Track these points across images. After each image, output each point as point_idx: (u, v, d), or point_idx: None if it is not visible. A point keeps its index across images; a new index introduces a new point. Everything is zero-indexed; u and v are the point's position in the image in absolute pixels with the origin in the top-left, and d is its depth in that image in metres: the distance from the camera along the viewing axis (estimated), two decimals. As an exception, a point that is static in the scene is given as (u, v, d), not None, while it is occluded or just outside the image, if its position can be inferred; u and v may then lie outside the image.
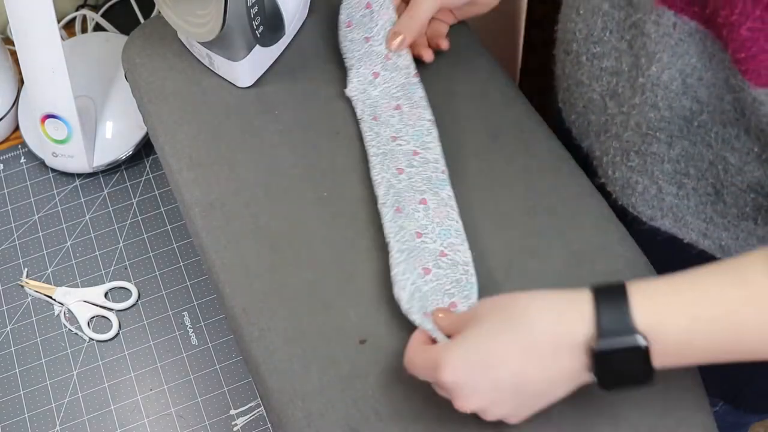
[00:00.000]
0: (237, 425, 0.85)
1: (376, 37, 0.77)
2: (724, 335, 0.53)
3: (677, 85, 0.60)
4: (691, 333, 0.52)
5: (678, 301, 0.53)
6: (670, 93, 0.61)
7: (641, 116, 0.64)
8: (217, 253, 0.70)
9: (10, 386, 0.88)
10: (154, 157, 1.02)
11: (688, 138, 0.63)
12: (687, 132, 0.63)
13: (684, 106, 0.61)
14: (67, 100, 0.92)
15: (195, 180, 0.74)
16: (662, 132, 0.64)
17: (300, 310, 0.66)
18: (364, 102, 0.76)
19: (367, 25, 0.78)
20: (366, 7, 0.79)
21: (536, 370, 0.55)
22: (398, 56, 0.76)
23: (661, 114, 0.63)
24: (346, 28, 0.79)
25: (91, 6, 1.15)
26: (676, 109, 0.62)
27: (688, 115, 0.62)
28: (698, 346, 0.53)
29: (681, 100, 0.61)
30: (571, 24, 0.70)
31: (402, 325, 0.65)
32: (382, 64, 0.76)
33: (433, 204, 0.69)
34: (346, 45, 0.78)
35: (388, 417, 0.61)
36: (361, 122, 0.75)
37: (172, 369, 0.88)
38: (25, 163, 1.03)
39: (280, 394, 0.63)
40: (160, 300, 0.92)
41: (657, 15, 0.59)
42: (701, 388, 0.62)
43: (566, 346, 0.54)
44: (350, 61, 0.78)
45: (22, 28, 0.87)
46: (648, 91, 0.62)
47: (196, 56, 0.81)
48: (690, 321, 0.52)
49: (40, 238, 0.97)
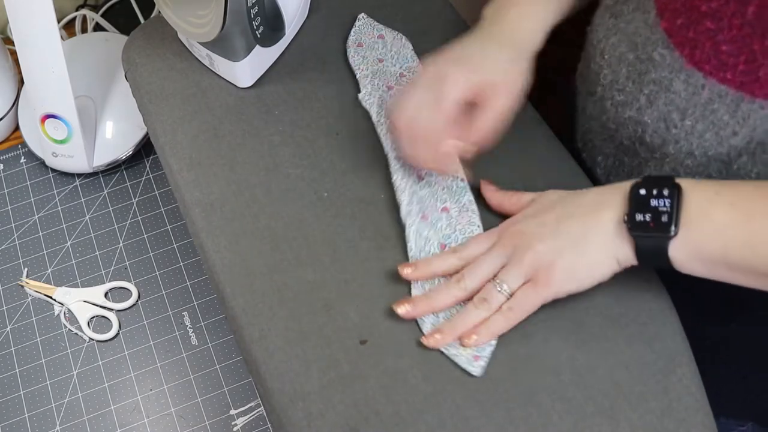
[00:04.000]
0: (237, 425, 0.85)
1: (390, 60, 0.79)
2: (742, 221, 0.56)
3: (711, 135, 0.61)
4: (713, 203, 0.57)
5: (712, 183, 0.59)
6: (704, 142, 0.62)
7: (677, 162, 0.65)
8: (217, 253, 0.70)
9: (10, 386, 0.88)
10: (154, 157, 1.02)
11: (727, 180, 0.63)
12: (726, 174, 0.63)
13: (721, 152, 0.62)
14: (67, 100, 0.92)
15: (195, 180, 0.74)
16: (700, 175, 0.64)
17: (300, 310, 0.66)
18: (380, 106, 0.76)
19: (380, 50, 0.80)
20: (378, 37, 0.80)
21: (576, 218, 0.62)
22: (413, 72, 0.78)
23: (698, 161, 0.63)
24: (357, 47, 0.80)
25: (91, 6, 1.15)
26: (713, 156, 0.62)
27: (726, 159, 0.62)
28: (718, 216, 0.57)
29: (716, 149, 0.62)
30: (596, 66, 0.70)
31: (402, 325, 0.65)
32: (396, 81, 0.77)
33: (455, 212, 0.70)
34: (358, 60, 0.79)
35: (388, 417, 0.61)
36: (378, 125, 0.75)
37: (172, 369, 0.88)
38: (25, 163, 1.03)
39: (281, 394, 0.63)
40: (160, 300, 0.92)
41: (687, 75, 0.60)
42: (701, 388, 0.62)
43: (607, 201, 0.61)
44: (363, 72, 0.78)
45: (22, 28, 0.87)
46: (682, 140, 0.63)
47: (196, 56, 0.81)
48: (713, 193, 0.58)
49: (40, 238, 0.97)
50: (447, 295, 0.65)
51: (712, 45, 0.57)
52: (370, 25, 0.82)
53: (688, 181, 0.59)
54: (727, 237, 0.57)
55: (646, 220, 0.58)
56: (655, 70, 0.62)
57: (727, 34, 0.56)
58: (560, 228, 0.62)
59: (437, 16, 0.84)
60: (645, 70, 0.63)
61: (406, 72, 0.78)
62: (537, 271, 0.62)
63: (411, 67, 0.79)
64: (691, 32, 0.58)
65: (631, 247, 0.60)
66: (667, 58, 0.61)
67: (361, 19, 0.83)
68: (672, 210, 0.58)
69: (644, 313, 0.65)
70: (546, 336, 0.64)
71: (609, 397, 0.61)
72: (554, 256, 0.61)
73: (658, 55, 0.61)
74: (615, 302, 0.65)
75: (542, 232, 0.62)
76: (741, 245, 0.56)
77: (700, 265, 0.58)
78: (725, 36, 0.56)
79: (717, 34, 0.57)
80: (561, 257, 0.61)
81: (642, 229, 0.59)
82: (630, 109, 0.66)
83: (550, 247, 0.62)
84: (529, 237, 0.63)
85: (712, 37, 0.57)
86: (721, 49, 0.57)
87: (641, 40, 0.63)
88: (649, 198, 0.59)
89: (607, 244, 0.60)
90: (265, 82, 0.80)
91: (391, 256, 0.69)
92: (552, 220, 0.63)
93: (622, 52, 0.66)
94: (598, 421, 0.61)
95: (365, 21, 0.83)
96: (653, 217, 0.58)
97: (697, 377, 0.63)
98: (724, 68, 0.57)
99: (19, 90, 1.04)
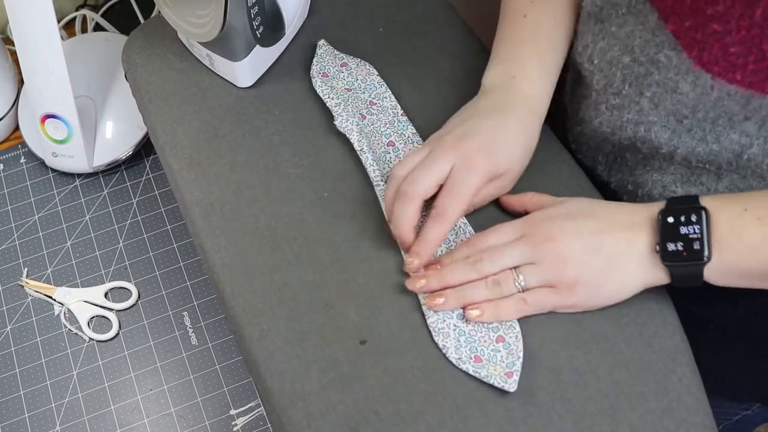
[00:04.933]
0: (237, 425, 0.85)
1: (358, 89, 0.78)
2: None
3: (724, 121, 0.61)
4: (742, 220, 0.58)
5: (737, 199, 0.60)
6: (717, 127, 0.62)
7: (688, 151, 0.65)
8: (217, 253, 0.70)
9: (10, 386, 0.88)
10: (154, 157, 1.02)
11: (737, 171, 0.64)
12: (736, 165, 0.63)
13: (733, 139, 0.62)
14: (67, 100, 0.92)
15: (195, 180, 0.74)
16: (712, 164, 0.64)
17: (300, 310, 0.66)
18: (360, 133, 0.74)
19: (345, 79, 0.78)
20: (342, 65, 0.79)
21: (613, 236, 0.61)
22: (383, 100, 0.77)
23: (709, 147, 0.63)
24: (323, 77, 0.79)
25: (91, 6, 1.15)
26: (725, 143, 0.62)
27: (737, 149, 0.62)
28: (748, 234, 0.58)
29: (729, 134, 0.62)
30: (585, 72, 0.70)
31: (402, 325, 0.65)
32: (367, 109, 0.76)
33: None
34: (326, 90, 0.77)
35: (388, 417, 0.61)
36: (361, 153, 0.74)
37: (172, 369, 0.88)
38: (25, 163, 1.03)
39: (281, 394, 0.63)
40: (160, 300, 0.92)
41: (695, 77, 0.60)
42: (701, 388, 0.62)
43: (638, 225, 0.61)
44: (333, 101, 0.76)
45: (22, 28, 0.87)
46: (695, 128, 0.63)
47: (196, 56, 0.81)
48: (741, 209, 0.58)
49: (40, 238, 0.97)
50: (461, 274, 0.64)
51: (721, 47, 0.57)
52: (331, 54, 0.80)
53: (713, 199, 0.59)
54: (762, 253, 0.57)
55: (678, 249, 0.59)
56: (659, 72, 0.62)
57: (735, 36, 0.56)
58: (596, 243, 0.61)
59: (437, 16, 0.84)
60: (645, 72, 0.63)
61: (376, 100, 0.77)
62: (561, 281, 0.62)
63: (380, 94, 0.78)
64: (699, 34, 0.58)
65: (665, 274, 0.60)
66: (673, 60, 0.61)
67: (321, 47, 0.81)
68: (702, 236, 0.58)
69: (644, 313, 0.65)
70: (546, 336, 0.64)
71: (609, 397, 0.61)
72: (585, 273, 0.61)
73: (663, 57, 0.61)
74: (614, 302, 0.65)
75: (578, 243, 0.62)
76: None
77: (735, 280, 0.59)
78: (733, 38, 0.56)
79: (725, 36, 0.57)
80: (591, 275, 0.61)
81: (675, 259, 0.59)
82: (629, 112, 0.66)
83: (582, 263, 0.61)
84: (562, 244, 0.62)
85: (720, 39, 0.57)
86: (729, 51, 0.57)
87: (639, 42, 0.63)
88: (678, 226, 0.59)
89: (639, 270, 0.61)
90: (265, 82, 0.80)
91: (392, 256, 0.69)
92: (590, 230, 0.62)
93: (614, 56, 0.65)
94: (598, 421, 0.61)
95: (326, 49, 0.81)
96: (685, 246, 0.58)
97: (698, 377, 0.63)
98: (733, 69, 0.57)
99: (19, 90, 1.04)
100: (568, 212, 0.64)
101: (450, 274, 0.65)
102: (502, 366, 0.62)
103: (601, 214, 0.63)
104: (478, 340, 0.63)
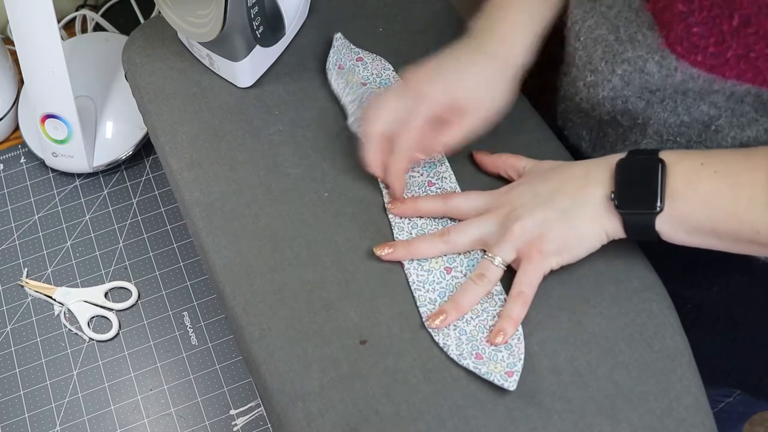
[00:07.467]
0: (237, 425, 0.85)
1: (373, 83, 0.78)
2: (724, 187, 0.58)
3: (694, 93, 0.61)
4: (698, 173, 0.59)
5: (696, 153, 0.60)
6: (687, 99, 0.62)
7: (660, 123, 0.65)
8: (217, 253, 0.70)
9: (10, 386, 0.88)
10: (154, 157, 1.02)
11: (705, 143, 0.64)
12: (704, 137, 0.64)
13: (702, 111, 0.63)
14: (67, 100, 0.92)
15: (195, 180, 0.74)
16: (682, 137, 0.65)
17: (300, 310, 0.66)
18: None
19: (361, 73, 0.79)
20: (357, 60, 0.80)
21: (567, 192, 0.63)
22: None
23: (680, 119, 0.64)
24: (339, 69, 0.79)
25: (91, 6, 1.15)
26: (695, 114, 0.63)
27: (706, 120, 0.63)
28: (702, 186, 0.58)
29: (699, 106, 0.62)
30: (570, 48, 0.70)
31: (402, 325, 0.65)
32: None
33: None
34: (341, 84, 0.78)
35: (388, 417, 0.61)
36: None
37: (172, 369, 0.88)
38: (25, 163, 1.03)
39: (281, 394, 0.63)
40: (160, 300, 0.92)
41: (661, 56, 0.61)
42: (701, 388, 0.63)
43: (595, 176, 0.63)
44: (348, 98, 0.77)
45: (22, 28, 0.87)
46: (668, 98, 0.63)
47: (196, 56, 0.81)
48: (698, 164, 0.59)
49: (40, 238, 0.97)
50: (430, 246, 0.67)
51: (684, 27, 0.58)
52: (347, 47, 0.81)
53: (673, 153, 0.61)
54: (713, 207, 0.58)
55: (632, 198, 0.60)
56: (633, 50, 0.63)
57: (698, 16, 0.57)
58: (552, 200, 0.63)
59: (437, 16, 0.84)
60: (622, 50, 0.64)
61: None
62: (528, 244, 0.63)
63: None
64: (667, 14, 0.59)
65: (619, 222, 0.62)
66: (648, 38, 0.62)
67: (338, 40, 0.81)
68: (657, 186, 0.59)
69: (644, 313, 0.65)
70: (545, 336, 0.64)
71: (609, 397, 0.61)
72: (544, 228, 0.63)
73: (641, 35, 0.62)
74: (614, 302, 0.65)
75: (534, 202, 0.64)
76: (727, 215, 0.57)
77: (686, 235, 0.60)
78: (696, 18, 0.57)
79: (688, 16, 0.57)
80: (551, 229, 0.63)
81: (628, 206, 0.61)
82: (603, 89, 0.67)
83: (539, 219, 0.63)
84: (520, 208, 0.64)
85: (684, 19, 0.58)
86: (692, 32, 0.58)
87: (623, 23, 0.64)
88: (635, 175, 0.60)
89: (595, 218, 0.62)
90: (265, 82, 0.80)
91: (391, 256, 0.69)
92: (546, 191, 0.64)
93: (601, 34, 0.66)
94: (598, 421, 0.61)
95: (342, 42, 0.81)
96: (639, 195, 0.60)
97: (697, 377, 0.63)
98: (695, 51, 0.58)
99: (19, 90, 1.04)
100: (530, 179, 0.67)
101: (418, 248, 0.67)
102: (503, 365, 0.62)
103: (560, 173, 0.65)
104: (479, 340, 0.64)
